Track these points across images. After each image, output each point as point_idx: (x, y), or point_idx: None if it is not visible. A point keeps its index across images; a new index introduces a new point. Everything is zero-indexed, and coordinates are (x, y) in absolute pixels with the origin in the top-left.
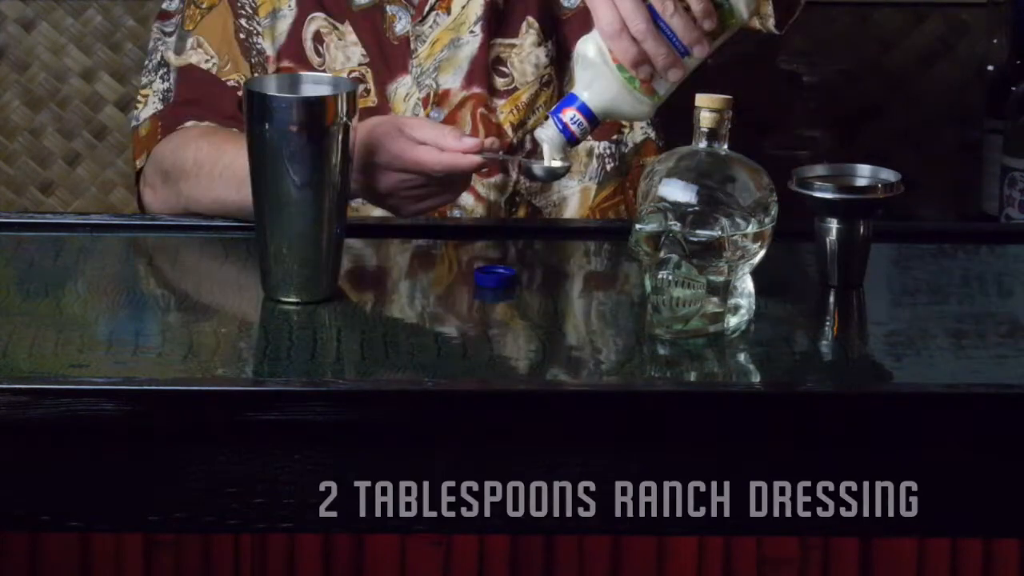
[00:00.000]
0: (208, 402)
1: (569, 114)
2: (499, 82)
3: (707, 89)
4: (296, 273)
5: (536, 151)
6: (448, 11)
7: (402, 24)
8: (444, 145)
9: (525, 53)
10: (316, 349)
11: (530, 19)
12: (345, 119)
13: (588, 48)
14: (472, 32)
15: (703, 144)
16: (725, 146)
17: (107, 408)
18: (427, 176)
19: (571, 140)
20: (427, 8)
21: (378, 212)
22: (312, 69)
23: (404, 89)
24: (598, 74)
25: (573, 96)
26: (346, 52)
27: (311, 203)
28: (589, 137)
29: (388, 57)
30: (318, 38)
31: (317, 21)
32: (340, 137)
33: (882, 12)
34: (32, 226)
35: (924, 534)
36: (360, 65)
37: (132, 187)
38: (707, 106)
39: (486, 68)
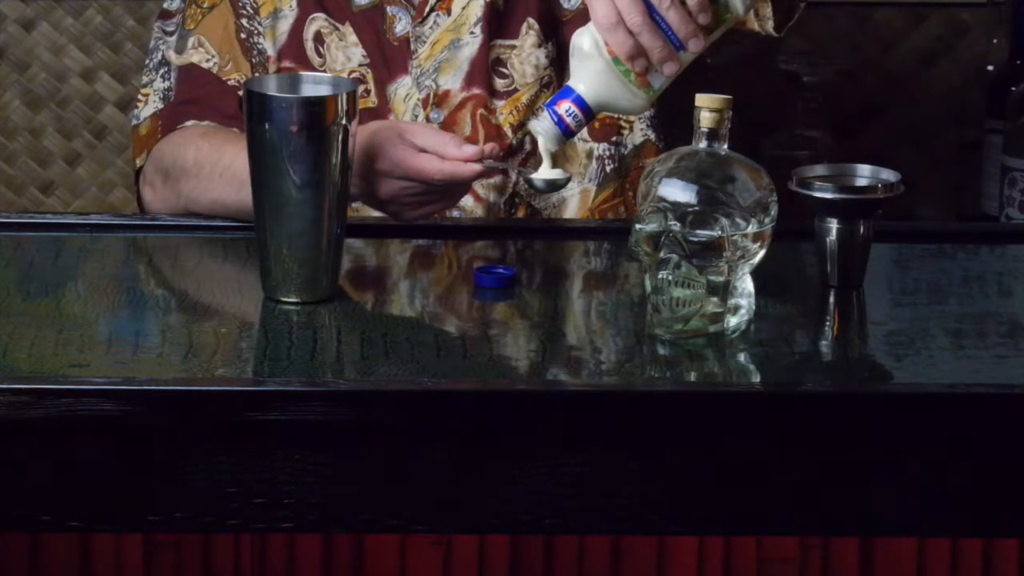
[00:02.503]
0: (208, 402)
1: (564, 106)
2: (499, 83)
3: (707, 89)
4: (296, 273)
5: (537, 152)
6: (448, 12)
7: (402, 25)
8: (445, 153)
9: (525, 54)
10: (316, 349)
11: (530, 20)
12: (345, 119)
13: (583, 41)
14: (472, 33)
15: (703, 144)
16: (725, 146)
17: (107, 408)
18: (428, 183)
19: (566, 133)
20: (427, 9)
21: (378, 212)
22: (313, 69)
23: (404, 90)
24: (593, 67)
25: (568, 89)
26: (346, 52)
27: (311, 203)
28: (587, 136)
29: (388, 58)
30: (319, 38)
31: (318, 21)
32: (340, 137)
33: (882, 12)
34: (32, 226)
35: (924, 534)
36: (360, 66)
37: (132, 187)
38: (707, 106)
39: (486, 69)
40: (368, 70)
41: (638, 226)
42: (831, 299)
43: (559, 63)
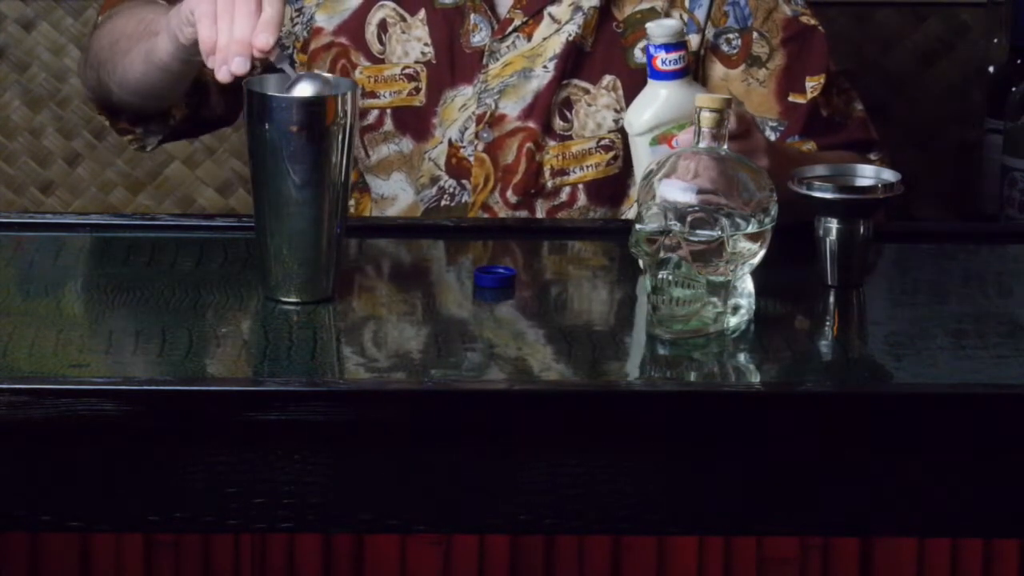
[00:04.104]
0: (208, 402)
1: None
2: (558, 124)
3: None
4: (296, 273)
5: (573, 204)
6: (529, 38)
7: (480, 36)
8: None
9: (595, 108)
10: (316, 349)
11: (617, 80)
12: (345, 119)
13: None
14: (545, 67)
15: (703, 144)
16: (725, 146)
17: (107, 408)
18: None
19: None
20: (510, 28)
21: (378, 212)
22: (370, 54)
23: (463, 99)
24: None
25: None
26: (406, 47)
27: (311, 203)
28: None
29: (456, 63)
30: (383, 26)
31: (385, 9)
32: (340, 137)
33: (882, 12)
34: (32, 226)
35: (924, 534)
36: (417, 63)
37: (132, 187)
38: (707, 106)
39: (548, 106)
40: (424, 68)
41: (638, 226)
42: (831, 299)
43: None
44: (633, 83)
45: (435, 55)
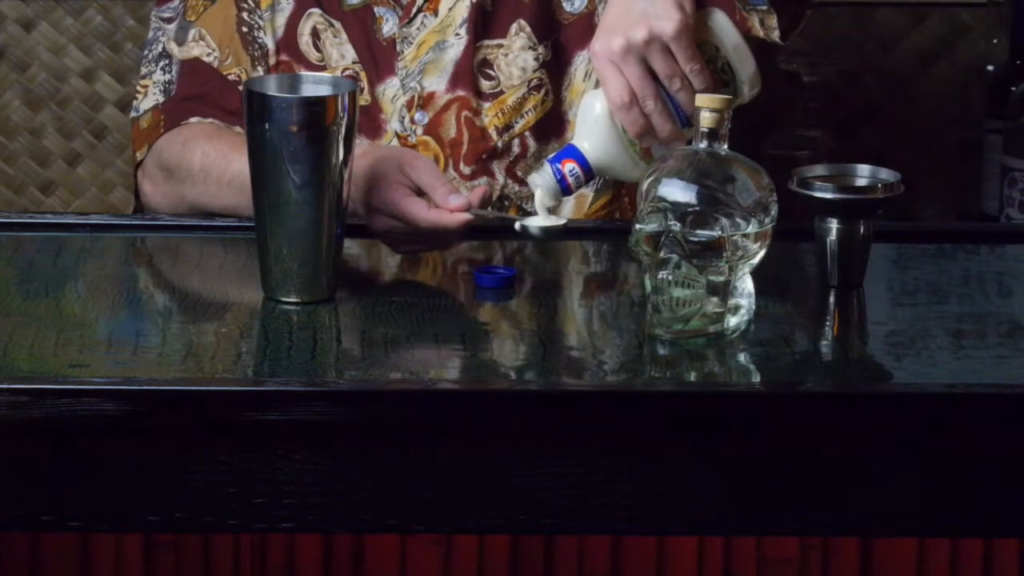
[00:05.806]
0: (208, 402)
1: (568, 166)
2: (485, 85)
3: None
4: (296, 273)
5: (523, 158)
6: (435, 13)
7: (389, 26)
8: (434, 199)
9: (512, 55)
10: (316, 349)
11: (521, 22)
12: (345, 119)
13: (596, 104)
14: (457, 35)
15: (703, 144)
16: (725, 146)
17: (107, 408)
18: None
19: (565, 191)
20: (414, 10)
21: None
22: (309, 64)
23: (392, 91)
24: (602, 132)
25: (573, 148)
26: (341, 50)
27: (311, 203)
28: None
29: (377, 58)
30: (315, 34)
31: (314, 17)
32: (340, 137)
33: (882, 12)
34: (32, 226)
35: (924, 534)
36: (354, 63)
37: (132, 187)
38: (707, 106)
39: (471, 71)
40: (362, 68)
41: (638, 226)
42: (831, 299)
43: (555, 66)
44: (543, 14)
45: (358, 56)
